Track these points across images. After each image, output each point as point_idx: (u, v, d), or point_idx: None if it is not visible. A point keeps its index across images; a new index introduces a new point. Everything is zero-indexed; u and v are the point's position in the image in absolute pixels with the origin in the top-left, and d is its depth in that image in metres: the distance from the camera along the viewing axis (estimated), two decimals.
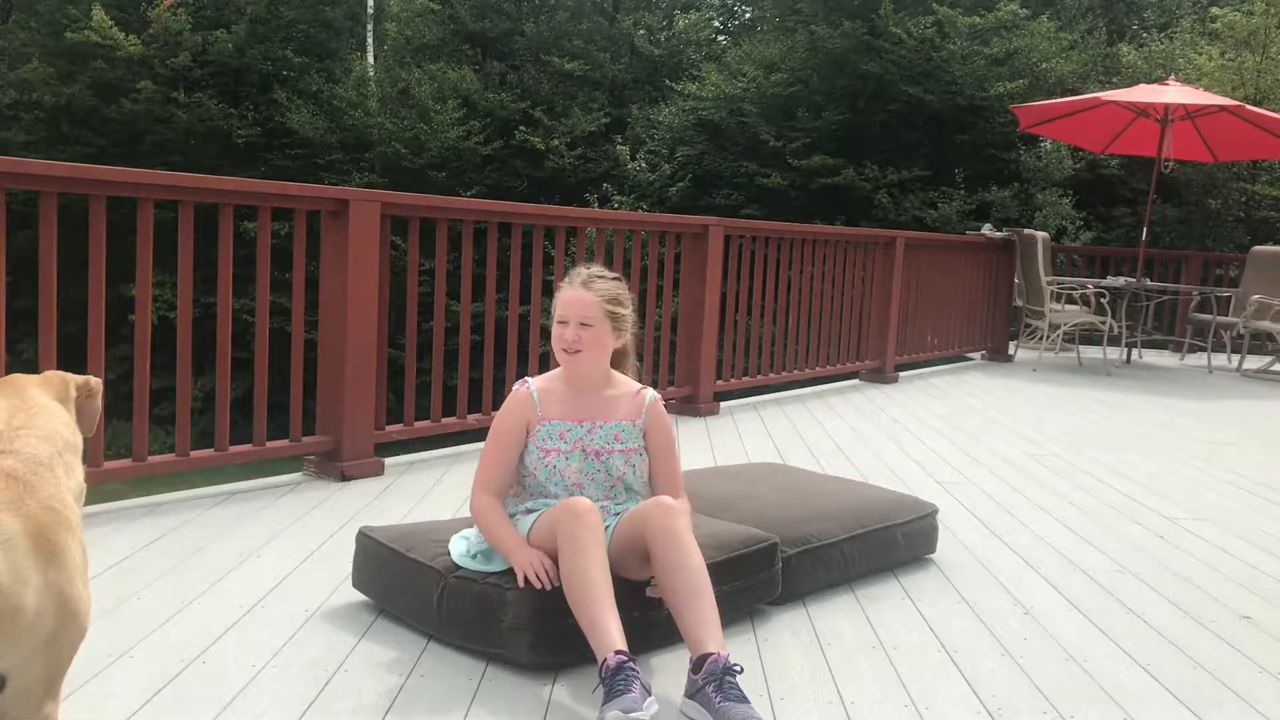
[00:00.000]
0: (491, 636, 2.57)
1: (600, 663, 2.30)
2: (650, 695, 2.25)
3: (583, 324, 2.72)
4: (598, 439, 2.76)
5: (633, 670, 2.26)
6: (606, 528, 2.67)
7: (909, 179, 15.61)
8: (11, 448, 1.71)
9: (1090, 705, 2.54)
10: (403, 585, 2.77)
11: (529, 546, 2.62)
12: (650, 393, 2.89)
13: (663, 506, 2.58)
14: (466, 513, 2.89)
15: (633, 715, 2.17)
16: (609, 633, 2.35)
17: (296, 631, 2.73)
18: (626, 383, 2.88)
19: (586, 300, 2.74)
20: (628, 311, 2.82)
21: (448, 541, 2.81)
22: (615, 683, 2.24)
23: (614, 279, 2.83)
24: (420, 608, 2.72)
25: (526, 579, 2.54)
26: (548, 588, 2.52)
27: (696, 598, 2.45)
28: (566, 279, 2.80)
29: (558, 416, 2.76)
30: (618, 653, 2.29)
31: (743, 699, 2.27)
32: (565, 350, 2.74)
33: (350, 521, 3.71)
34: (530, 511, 2.72)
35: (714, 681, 2.29)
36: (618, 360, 2.87)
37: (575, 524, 2.48)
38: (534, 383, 2.82)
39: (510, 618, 2.52)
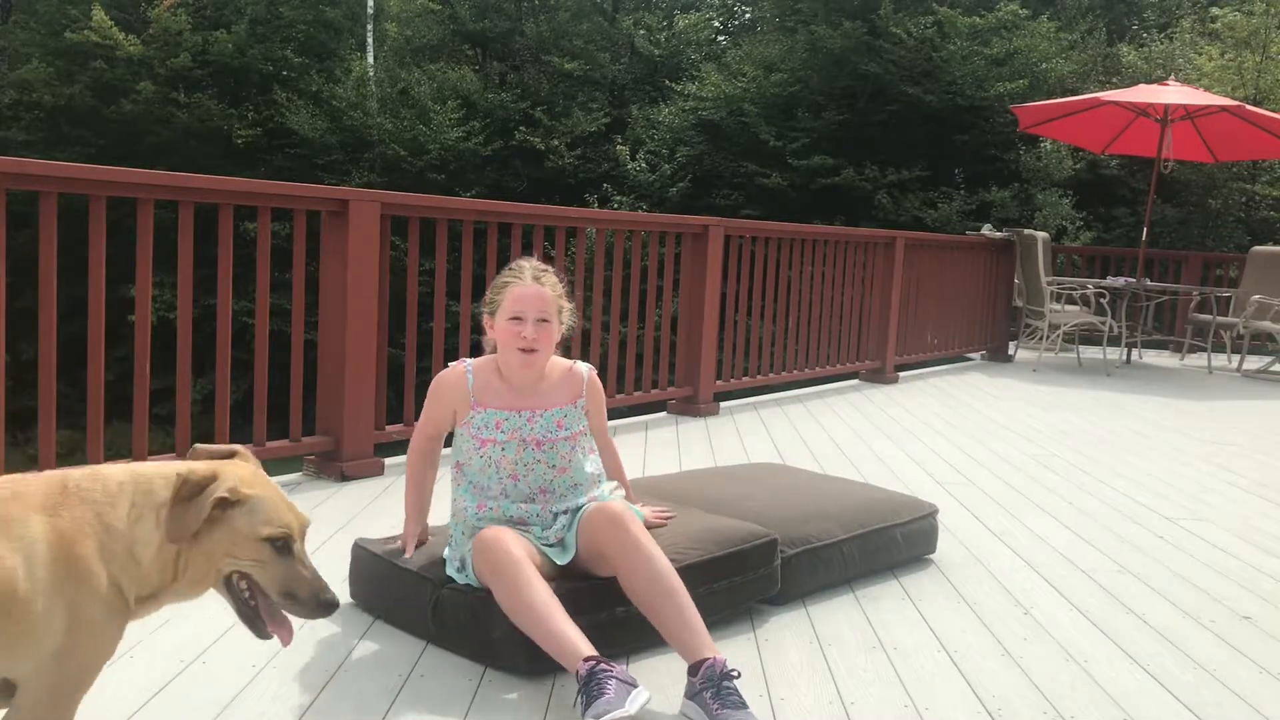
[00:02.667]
0: (486, 647, 2.56)
1: (575, 675, 2.28)
2: (635, 687, 2.23)
3: (541, 320, 2.65)
4: (538, 428, 2.68)
5: (605, 671, 2.23)
6: (564, 526, 2.65)
7: (909, 179, 15.62)
8: (94, 471, 1.71)
9: (1090, 705, 2.53)
10: (397, 596, 2.76)
11: (415, 524, 2.81)
12: (583, 366, 2.82)
13: (608, 516, 2.54)
14: None
15: (609, 716, 2.15)
16: (571, 644, 2.31)
17: (297, 632, 2.72)
18: (556, 363, 2.78)
19: (545, 296, 2.66)
20: (569, 305, 2.76)
21: (442, 550, 2.80)
22: (590, 689, 2.21)
23: (553, 272, 2.75)
24: (415, 619, 2.71)
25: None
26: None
27: (672, 601, 2.43)
28: (511, 273, 2.71)
29: (494, 405, 2.68)
30: (586, 659, 2.27)
31: (741, 704, 2.26)
32: (524, 350, 2.65)
33: (350, 522, 3.71)
34: (477, 530, 2.65)
35: (711, 688, 2.27)
36: None
37: (491, 557, 2.46)
38: (472, 365, 2.74)
39: (501, 630, 2.50)
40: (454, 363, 2.79)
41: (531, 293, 2.65)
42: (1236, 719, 2.52)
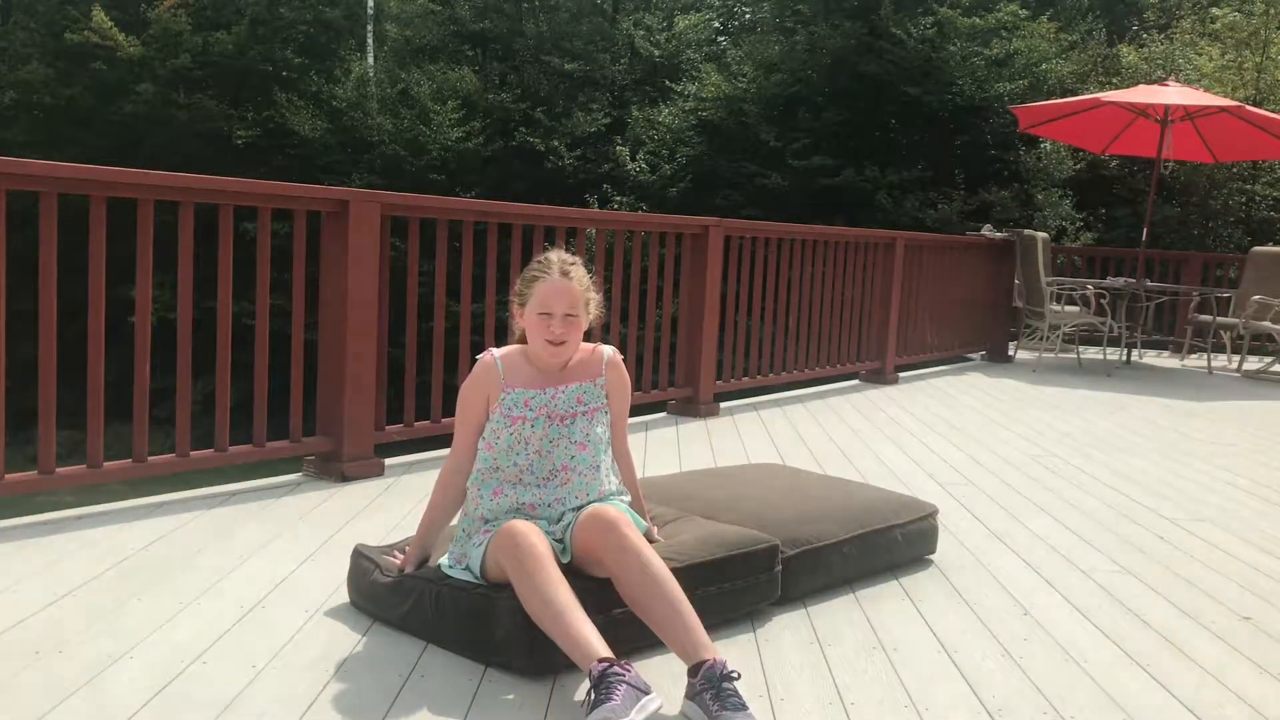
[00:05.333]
0: (487, 647, 2.55)
1: (588, 674, 2.28)
2: (646, 694, 2.23)
3: (568, 315, 2.71)
4: (561, 403, 2.75)
5: (617, 675, 2.23)
6: (567, 525, 2.66)
7: (909, 179, 15.62)
8: None
9: (1090, 705, 2.53)
10: (397, 600, 2.75)
11: (419, 548, 2.80)
12: (607, 349, 2.87)
13: (602, 522, 2.55)
14: None
15: None
16: (587, 644, 2.32)
17: (296, 631, 2.73)
18: (581, 347, 2.84)
19: (573, 292, 2.72)
20: (596, 295, 2.82)
21: (441, 556, 2.81)
22: (599, 691, 2.21)
23: (581, 262, 2.81)
24: (415, 619, 2.70)
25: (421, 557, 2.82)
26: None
27: (669, 605, 2.43)
28: (539, 267, 2.75)
29: (522, 385, 2.75)
30: (600, 660, 2.27)
31: (741, 705, 2.25)
32: (551, 343, 2.71)
33: (350, 522, 3.71)
34: (488, 532, 2.65)
35: (711, 689, 2.27)
36: None
37: (517, 551, 2.46)
38: (499, 353, 2.80)
39: (503, 629, 2.50)
40: (481, 355, 2.83)
41: (559, 289, 2.71)
42: (1236, 719, 2.52)
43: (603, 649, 2.31)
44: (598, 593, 2.54)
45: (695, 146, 17.36)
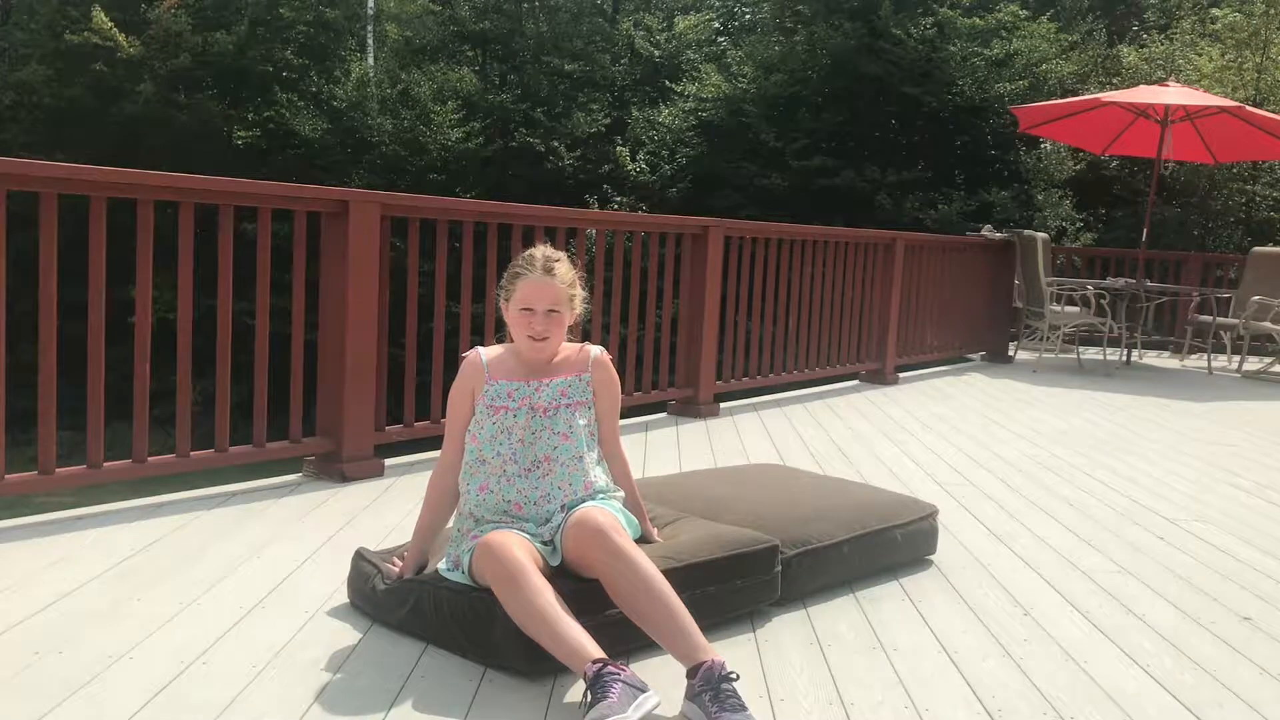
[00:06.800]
0: (486, 649, 2.55)
1: (583, 677, 2.28)
2: (643, 691, 2.23)
3: (550, 311, 2.74)
4: (545, 396, 2.78)
5: (612, 674, 2.23)
6: (556, 527, 2.66)
7: (909, 180, 15.62)
8: None
9: (1090, 706, 2.53)
10: (396, 603, 2.75)
11: (416, 554, 2.81)
12: (595, 349, 2.90)
13: (590, 528, 2.55)
14: None
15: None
16: (579, 646, 2.32)
17: (297, 632, 2.73)
18: (568, 346, 2.89)
19: (554, 289, 2.74)
20: (581, 292, 2.84)
21: (442, 557, 2.81)
22: (595, 691, 2.22)
23: (565, 258, 2.83)
24: (417, 624, 2.70)
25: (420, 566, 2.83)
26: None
27: (665, 608, 2.43)
28: (523, 264, 2.78)
29: (505, 378, 2.78)
30: (594, 661, 2.27)
31: (740, 707, 2.25)
32: (533, 338, 2.75)
33: (350, 522, 3.71)
34: (476, 537, 2.65)
35: (710, 690, 2.27)
36: None
37: (496, 566, 2.47)
38: (485, 351, 2.84)
39: (501, 631, 2.49)
40: (467, 353, 2.86)
41: (541, 286, 2.73)
42: (1236, 719, 2.52)
43: (595, 650, 2.31)
44: (591, 595, 2.54)
45: (695, 147, 17.38)
